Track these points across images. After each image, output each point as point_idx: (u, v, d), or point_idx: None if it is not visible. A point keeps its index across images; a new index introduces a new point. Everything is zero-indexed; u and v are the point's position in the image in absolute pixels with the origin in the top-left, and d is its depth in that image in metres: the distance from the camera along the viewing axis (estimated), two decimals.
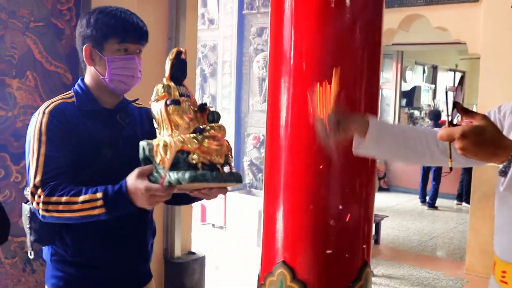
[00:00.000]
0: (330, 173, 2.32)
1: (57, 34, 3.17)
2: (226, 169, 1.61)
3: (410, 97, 12.80)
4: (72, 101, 1.84)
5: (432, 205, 9.44)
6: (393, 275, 5.63)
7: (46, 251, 1.88)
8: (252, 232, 6.11)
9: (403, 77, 12.15)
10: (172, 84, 1.66)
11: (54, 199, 1.67)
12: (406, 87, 12.59)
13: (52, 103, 1.81)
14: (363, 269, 2.54)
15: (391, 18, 6.33)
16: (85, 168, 1.78)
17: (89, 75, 1.88)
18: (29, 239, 1.84)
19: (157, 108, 1.63)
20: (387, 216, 6.92)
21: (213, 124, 1.62)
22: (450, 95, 10.45)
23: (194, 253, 4.36)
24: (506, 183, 1.25)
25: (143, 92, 2.17)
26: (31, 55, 3.07)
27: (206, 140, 1.55)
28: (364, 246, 2.44)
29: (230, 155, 1.64)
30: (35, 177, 1.71)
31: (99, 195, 1.65)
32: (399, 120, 11.75)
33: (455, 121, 1.31)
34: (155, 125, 1.66)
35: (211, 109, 1.69)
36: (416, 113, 13.11)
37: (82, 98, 1.85)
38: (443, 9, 6.14)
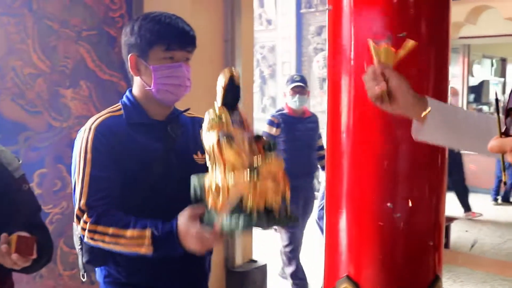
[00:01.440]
0: (396, 178, 2.17)
1: (110, 42, 3.14)
2: (283, 208, 1.49)
3: (478, 92, 12.36)
4: (120, 113, 1.76)
5: (506, 199, 8.98)
6: (465, 282, 5.36)
7: (99, 272, 1.82)
8: (313, 238, 5.96)
9: (470, 72, 11.75)
10: (225, 112, 1.50)
11: (100, 228, 1.60)
12: (474, 81, 12.17)
13: (98, 118, 1.73)
14: (434, 285, 2.37)
15: (457, 11, 6.06)
16: (134, 185, 1.69)
17: (136, 85, 1.79)
18: (81, 260, 1.77)
19: (209, 141, 1.48)
20: (456, 219, 6.63)
21: (269, 157, 1.48)
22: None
23: (255, 261, 4.27)
24: None
25: (198, 99, 2.07)
26: (84, 64, 3.05)
27: (261, 181, 1.41)
28: (435, 257, 2.28)
29: (287, 193, 1.51)
30: (80, 199, 1.64)
31: (147, 232, 1.57)
32: None
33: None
34: (206, 157, 1.52)
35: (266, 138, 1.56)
36: (485, 108, 12.62)
37: (131, 110, 1.76)
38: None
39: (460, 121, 1.53)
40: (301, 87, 4.74)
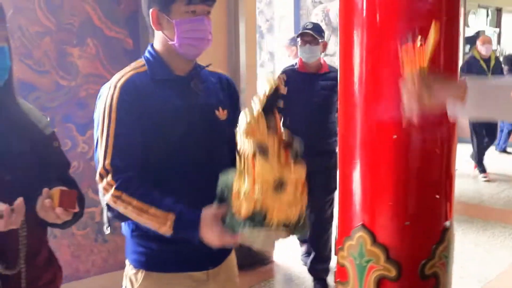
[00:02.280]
0: (410, 129, 2.20)
1: None
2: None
3: (473, 43, 12.34)
4: (144, 70, 1.77)
5: (504, 150, 9.09)
6: (465, 230, 5.50)
7: (125, 227, 1.85)
8: None
9: (466, 22, 11.73)
10: (262, 119, 1.50)
11: (124, 196, 1.63)
12: (469, 32, 12.15)
13: (123, 75, 1.74)
14: (446, 231, 2.44)
15: None
16: (159, 144, 1.72)
17: (158, 40, 1.80)
18: (106, 214, 1.80)
19: (244, 148, 1.51)
20: (456, 170, 6.70)
21: (295, 170, 1.51)
22: None
23: None
24: None
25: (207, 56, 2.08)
26: (90, 22, 3.06)
27: (285, 197, 1.47)
28: (448, 205, 2.34)
29: (304, 205, 1.57)
30: (104, 158, 1.66)
31: (171, 216, 1.62)
32: None
33: None
34: (237, 159, 1.54)
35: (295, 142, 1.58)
36: None
37: (155, 66, 1.77)
38: None
39: (497, 94, 1.56)
40: (311, 36, 4.04)
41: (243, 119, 1.50)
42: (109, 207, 1.76)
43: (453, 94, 1.47)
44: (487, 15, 13.32)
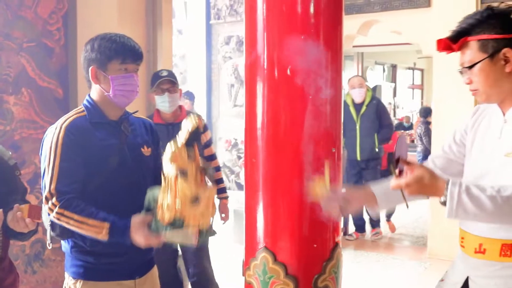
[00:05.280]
0: (301, 167, 2.57)
1: (48, 53, 3.46)
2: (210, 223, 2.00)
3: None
4: (84, 114, 2.14)
5: None
6: (362, 262, 6.00)
7: (65, 244, 2.16)
8: (228, 229, 6.39)
9: (364, 77, 12.49)
10: (184, 149, 1.93)
11: (67, 213, 1.96)
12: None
13: (68, 118, 2.10)
14: (334, 250, 2.81)
15: (350, 24, 6.66)
16: (96, 173, 2.08)
17: (95, 91, 2.18)
18: (49, 233, 2.11)
19: (168, 170, 1.91)
20: None
21: (207, 189, 1.95)
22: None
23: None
24: (447, 212, 1.64)
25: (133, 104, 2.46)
26: (25, 73, 3.35)
27: (199, 209, 1.90)
28: (335, 231, 2.68)
29: (213, 215, 2.04)
30: (50, 184, 1.99)
31: (106, 224, 1.97)
32: None
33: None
34: (162, 178, 1.94)
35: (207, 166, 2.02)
36: None
37: (92, 112, 2.15)
38: (397, 15, 6.50)
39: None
40: (171, 83, 3.71)
41: (169, 149, 1.93)
42: (52, 227, 2.09)
43: (365, 202, 1.92)
44: (384, 71, 14.20)
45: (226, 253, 5.92)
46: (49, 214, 1.99)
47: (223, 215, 3.79)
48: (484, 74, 1.71)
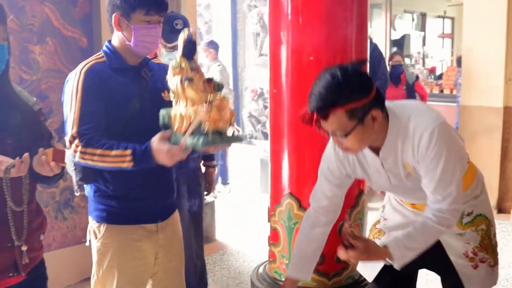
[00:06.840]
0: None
1: (72, 2, 3.45)
2: (231, 130, 1.92)
3: (400, 45, 12.98)
4: (103, 60, 2.14)
5: None
6: None
7: (89, 189, 2.20)
8: (255, 179, 6.46)
9: (392, 26, 12.31)
10: (184, 61, 1.91)
11: (89, 150, 1.97)
12: (396, 35, 12.77)
13: (86, 64, 2.10)
14: (359, 197, 2.89)
15: None
16: (117, 118, 2.08)
17: (116, 38, 2.17)
18: (74, 179, 2.16)
19: (173, 83, 1.90)
20: None
21: (218, 96, 1.90)
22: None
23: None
24: (398, 266, 1.94)
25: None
26: (49, 23, 3.36)
27: (214, 111, 1.86)
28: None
29: (233, 120, 1.95)
30: (72, 128, 2.01)
31: (128, 151, 1.95)
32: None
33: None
34: (171, 96, 1.94)
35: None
36: (407, 60, 13.31)
37: (111, 57, 2.15)
38: None
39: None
40: None
41: (170, 65, 1.93)
42: (76, 172, 2.12)
43: (383, 258, 1.96)
44: (413, 20, 13.95)
45: (252, 203, 5.99)
46: (73, 157, 2.01)
47: (207, 185, 3.40)
48: (357, 138, 1.81)
